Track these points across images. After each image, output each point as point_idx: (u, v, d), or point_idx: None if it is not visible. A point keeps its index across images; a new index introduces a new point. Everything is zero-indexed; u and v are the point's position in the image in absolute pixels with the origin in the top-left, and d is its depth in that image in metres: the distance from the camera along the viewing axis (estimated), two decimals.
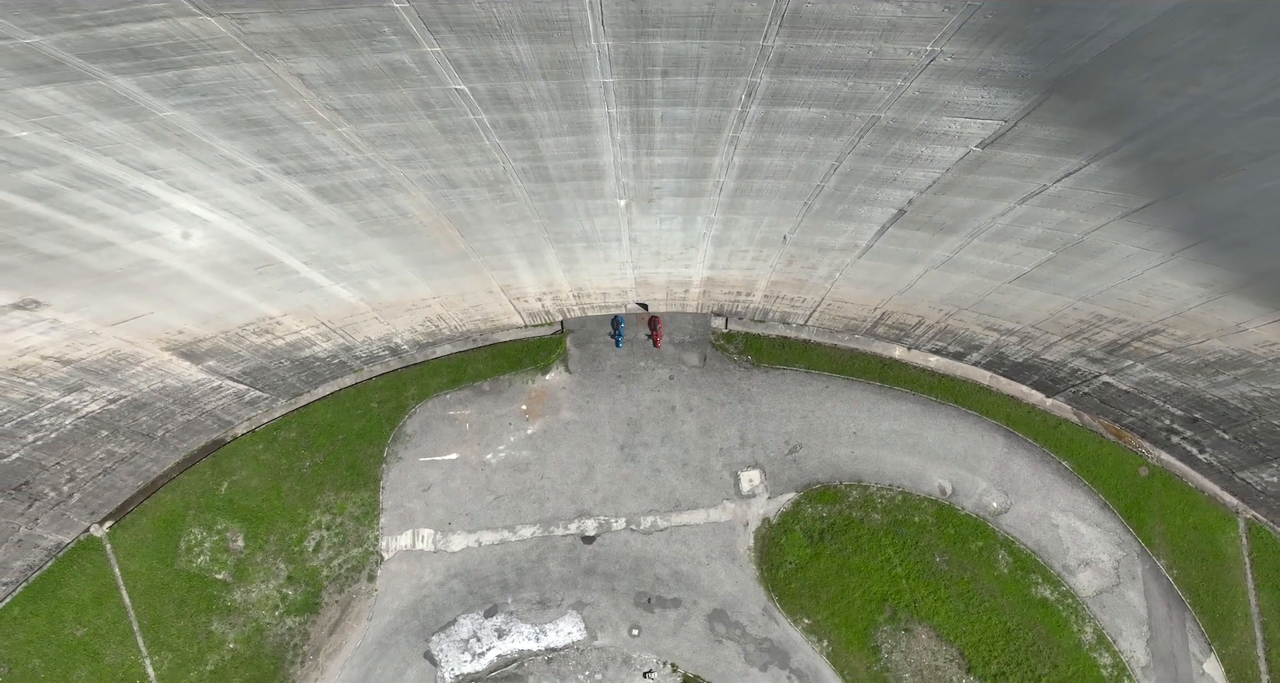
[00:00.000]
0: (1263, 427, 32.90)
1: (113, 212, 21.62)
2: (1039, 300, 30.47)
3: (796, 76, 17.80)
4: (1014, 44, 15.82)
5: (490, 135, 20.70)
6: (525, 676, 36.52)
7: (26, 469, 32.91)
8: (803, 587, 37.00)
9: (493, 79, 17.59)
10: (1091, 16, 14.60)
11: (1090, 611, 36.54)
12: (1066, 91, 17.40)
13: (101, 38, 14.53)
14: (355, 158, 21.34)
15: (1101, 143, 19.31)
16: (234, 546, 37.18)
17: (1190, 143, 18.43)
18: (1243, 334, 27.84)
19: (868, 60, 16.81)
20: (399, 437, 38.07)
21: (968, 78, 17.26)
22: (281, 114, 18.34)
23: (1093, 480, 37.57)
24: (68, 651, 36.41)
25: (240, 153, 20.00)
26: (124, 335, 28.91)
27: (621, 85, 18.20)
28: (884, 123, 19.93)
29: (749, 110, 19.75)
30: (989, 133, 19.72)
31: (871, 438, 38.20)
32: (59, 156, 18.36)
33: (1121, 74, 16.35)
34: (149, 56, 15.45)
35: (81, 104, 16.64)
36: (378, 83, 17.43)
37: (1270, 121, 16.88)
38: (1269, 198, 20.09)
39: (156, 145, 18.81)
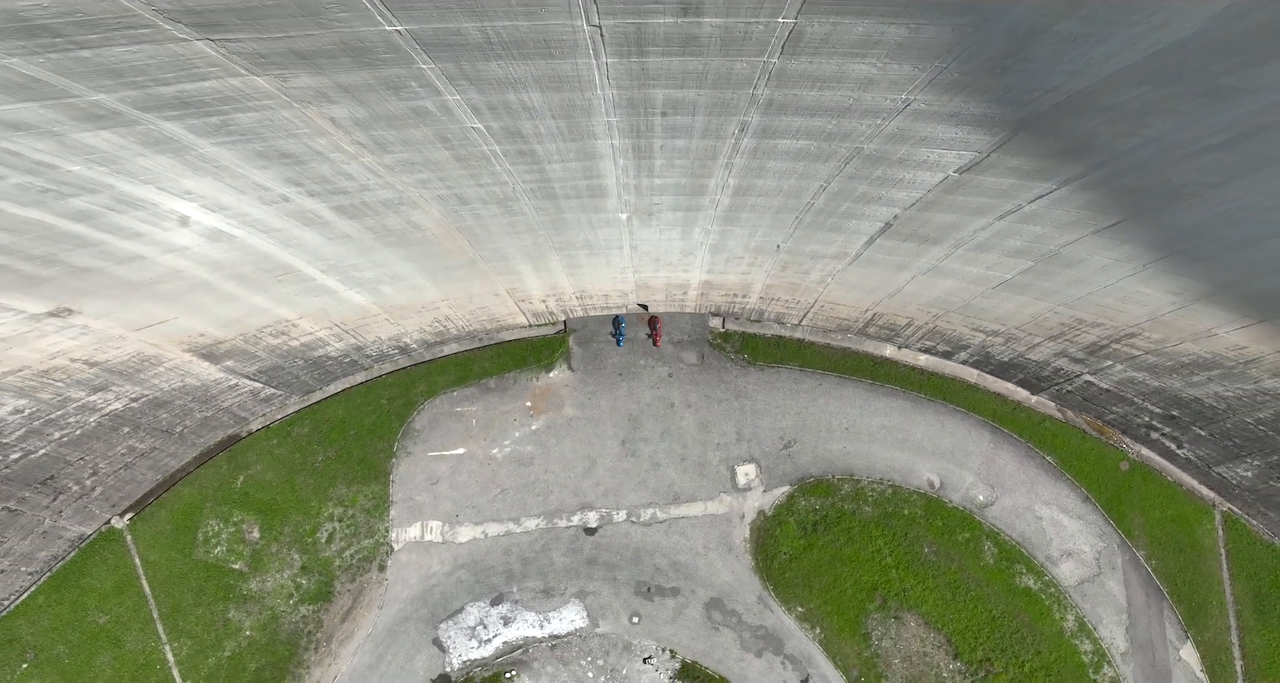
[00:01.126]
0: (1236, 424, 34.67)
1: (147, 230, 23.40)
2: (1021, 305, 32.18)
3: (784, 116, 19.57)
4: (979, 95, 17.61)
5: (501, 162, 22.48)
6: (530, 661, 38.28)
7: (52, 465, 34.57)
8: (796, 576, 38.68)
9: (506, 119, 19.37)
10: (1045, 76, 16.38)
11: (1072, 599, 38.25)
12: (1032, 131, 19.19)
13: (158, 94, 16.33)
14: (375, 182, 23.12)
15: (1069, 171, 21.10)
16: (250, 537, 38.99)
17: (1149, 173, 20.22)
18: (1214, 338, 29.54)
19: (849, 104, 18.60)
20: (408, 432, 39.76)
21: (941, 119, 19.05)
22: (311, 148, 20.14)
23: (1075, 475, 39.23)
24: (91, 637, 38.15)
25: (270, 179, 21.79)
26: (148, 339, 30.61)
27: (624, 123, 19.98)
28: (867, 152, 21.71)
29: (742, 142, 21.53)
30: (965, 161, 21.50)
31: (863, 434, 39.84)
32: (104, 185, 20.14)
33: (1079, 118, 18.14)
34: (198, 106, 17.23)
35: (131, 143, 18.44)
36: (401, 123, 19.21)
37: (1219, 157, 18.68)
38: (1226, 219, 21.90)
39: (194, 175, 20.60)
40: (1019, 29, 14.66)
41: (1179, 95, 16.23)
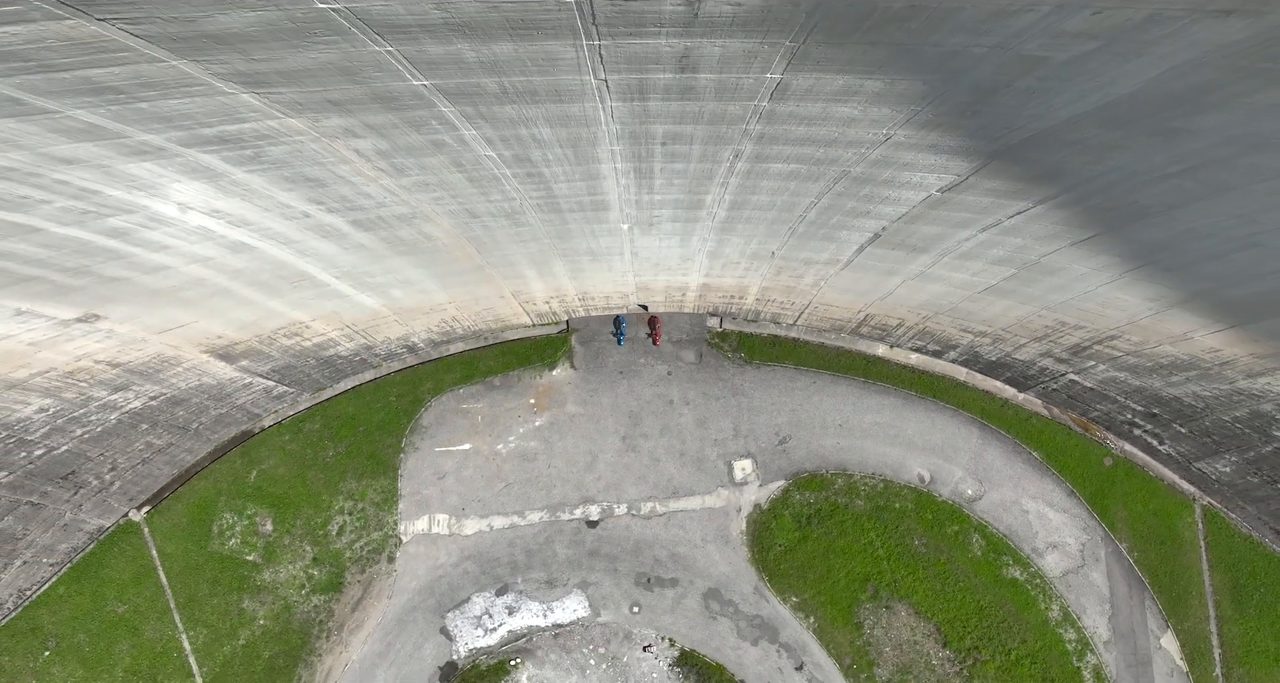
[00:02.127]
0: (1214, 422, 36.33)
1: (174, 243, 25.07)
2: (1007, 308, 33.82)
3: (775, 146, 21.24)
4: (953, 131, 19.29)
5: (511, 182, 24.16)
6: (534, 650, 39.87)
7: (73, 460, 36.09)
8: (791, 568, 40.30)
9: (516, 148, 21.06)
10: (1011, 118, 18.09)
11: (1057, 590, 39.91)
12: (1005, 159, 20.87)
13: (201, 133, 18.03)
14: (392, 200, 24.80)
15: (1042, 193, 22.80)
16: (263, 529, 40.67)
17: (1116, 196, 21.92)
18: (1190, 341, 31.14)
19: (835, 137, 20.28)
20: (416, 428, 41.38)
21: (921, 148, 20.74)
22: (334, 174, 21.83)
23: (1061, 470, 40.88)
24: (110, 626, 39.83)
25: (294, 199, 23.47)
26: (169, 341, 32.23)
27: (626, 151, 21.66)
28: (854, 175, 23.38)
29: (736, 166, 23.21)
30: (946, 183, 23.18)
31: (856, 430, 41.44)
32: (140, 207, 21.81)
33: (1046, 151, 19.82)
34: (235, 142, 18.91)
35: (170, 172, 20.12)
36: (419, 152, 20.89)
37: (1177, 183, 20.38)
38: (1192, 235, 23.62)
39: (224, 196, 22.28)
40: (982, 84, 16.37)
41: (1133, 135, 17.95)
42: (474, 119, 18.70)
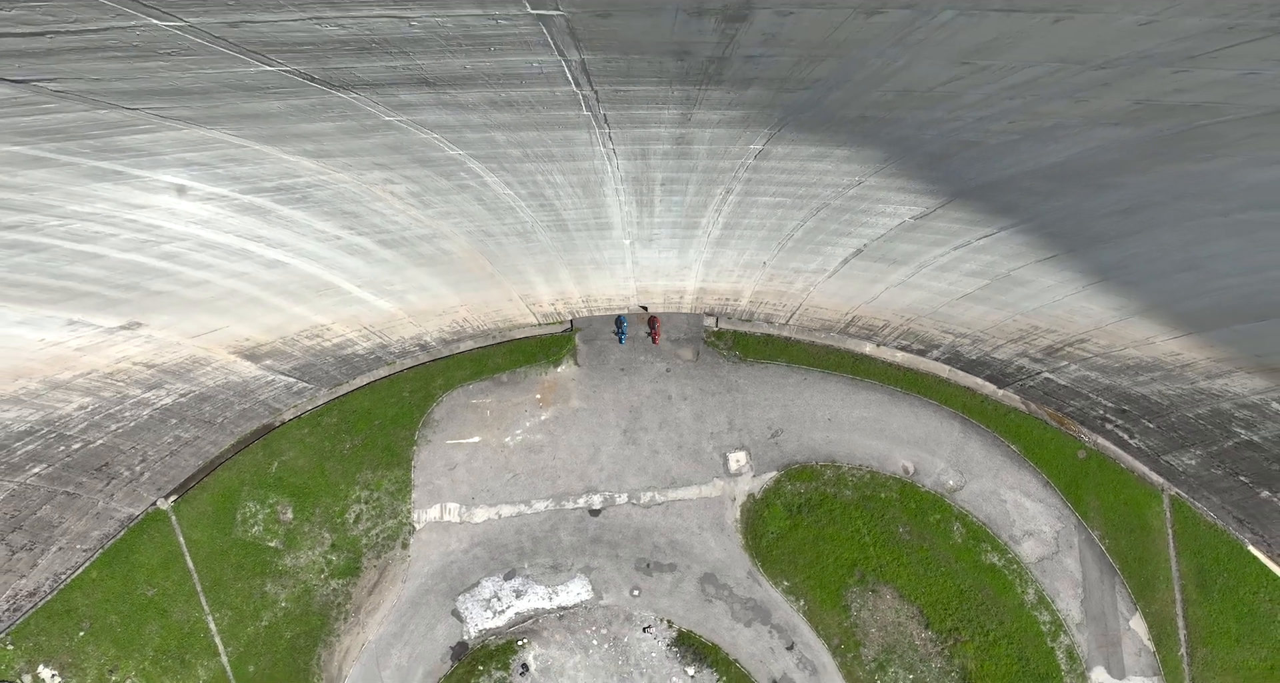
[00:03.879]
0: (1179, 418, 39.25)
1: (216, 262, 28.07)
2: (983, 313, 36.71)
3: (762, 186, 24.21)
4: (916, 179, 22.32)
5: (524, 210, 27.17)
6: (540, 631, 42.85)
7: (107, 453, 38.99)
8: (783, 554, 43.23)
9: (532, 188, 24.07)
10: (964, 173, 21.24)
11: (1032, 575, 42.85)
12: (966, 198, 23.90)
13: (261, 185, 21.20)
14: (416, 225, 27.80)
15: (1003, 222, 25.81)
16: (284, 517, 43.71)
17: (1068, 227, 25.11)
18: (1152, 346, 33.89)
19: (814, 181, 23.28)
20: (428, 422, 44.27)
21: (891, 189, 23.78)
22: (369, 208, 24.87)
23: (1037, 462, 43.79)
24: (140, 608, 42.91)
25: (329, 227, 26.47)
26: (201, 344, 35.10)
27: (630, 189, 24.68)
28: (834, 205, 26.43)
29: (728, 198, 26.20)
30: (916, 212, 26.17)
31: (844, 424, 44.32)
32: (190, 235, 24.95)
33: (1001, 193, 22.87)
34: (288, 189, 22.04)
35: (227, 212, 23.27)
36: (446, 192, 23.90)
37: (1119, 219, 23.52)
38: (1140, 258, 26.66)
39: (269, 227, 25.40)
40: (933, 153, 19.48)
41: (1070, 187, 21.08)
42: (498, 171, 21.80)
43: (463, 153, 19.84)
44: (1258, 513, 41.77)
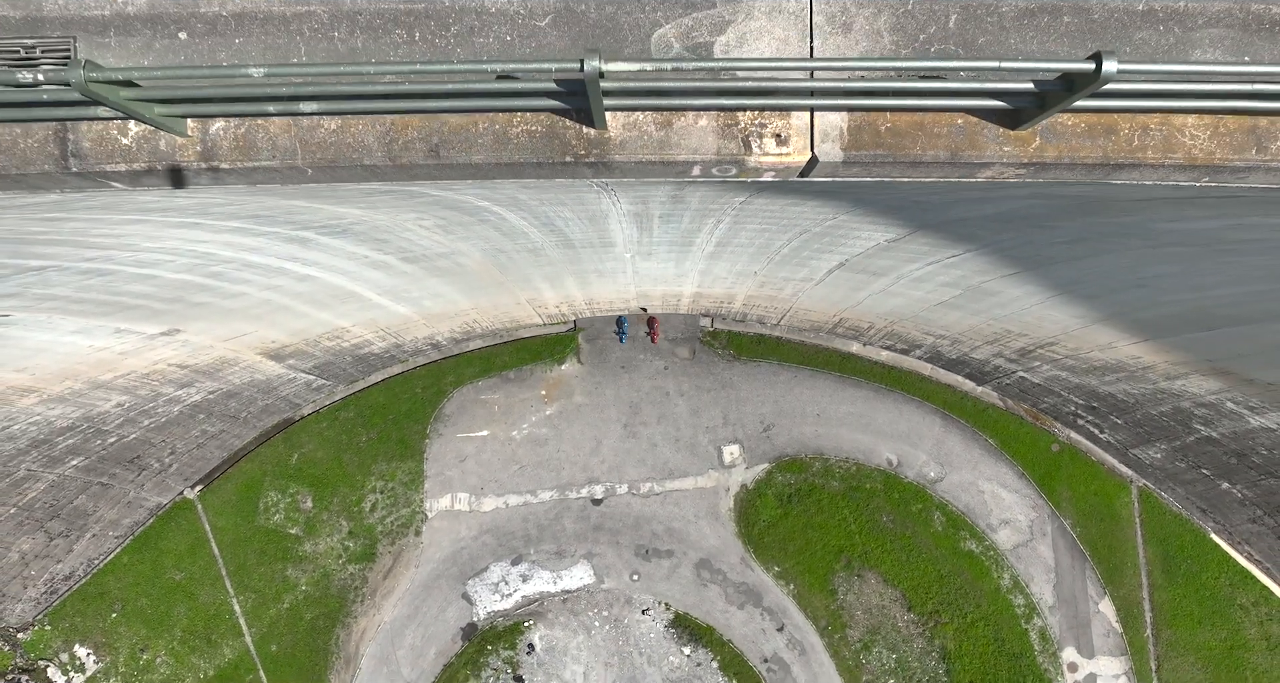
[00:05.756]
0: (1144, 415, 41.72)
1: (254, 278, 31.21)
2: (959, 318, 39.40)
3: (749, 220, 27.49)
4: (880, 219, 25.77)
5: (535, 234, 30.11)
6: (545, 613, 45.96)
7: (139, 446, 41.71)
8: (773, 541, 46.23)
9: (544, 219, 27.30)
10: (919, 217, 24.65)
11: (1008, 561, 45.93)
12: (928, 229, 27.21)
13: (310, 224, 24.54)
14: (437, 245, 31.14)
15: (966, 247, 29.02)
16: (304, 506, 46.79)
17: (1025, 251, 28.37)
18: (1115, 349, 36.38)
19: (795, 215, 26.71)
20: (439, 417, 47.29)
21: (862, 224, 27.10)
22: (398, 235, 28.15)
23: (1013, 455, 46.81)
24: (168, 592, 46.01)
25: (360, 249, 29.76)
26: (231, 346, 37.88)
27: (631, 220, 28.02)
28: (814, 232, 29.60)
29: (719, 226, 29.39)
30: (889, 237, 29.26)
31: (832, 419, 47.29)
32: (238, 259, 28.20)
33: (957, 227, 26.25)
34: (332, 227, 25.43)
35: (275, 243, 26.62)
36: (469, 224, 27.17)
37: (1068, 247, 26.81)
38: (1095, 276, 29.67)
39: (307, 251, 28.68)
40: (889, 205, 22.83)
41: (1018, 226, 24.42)
42: (516, 210, 25.13)
43: (489, 203, 23.20)
44: (1219, 503, 44.90)
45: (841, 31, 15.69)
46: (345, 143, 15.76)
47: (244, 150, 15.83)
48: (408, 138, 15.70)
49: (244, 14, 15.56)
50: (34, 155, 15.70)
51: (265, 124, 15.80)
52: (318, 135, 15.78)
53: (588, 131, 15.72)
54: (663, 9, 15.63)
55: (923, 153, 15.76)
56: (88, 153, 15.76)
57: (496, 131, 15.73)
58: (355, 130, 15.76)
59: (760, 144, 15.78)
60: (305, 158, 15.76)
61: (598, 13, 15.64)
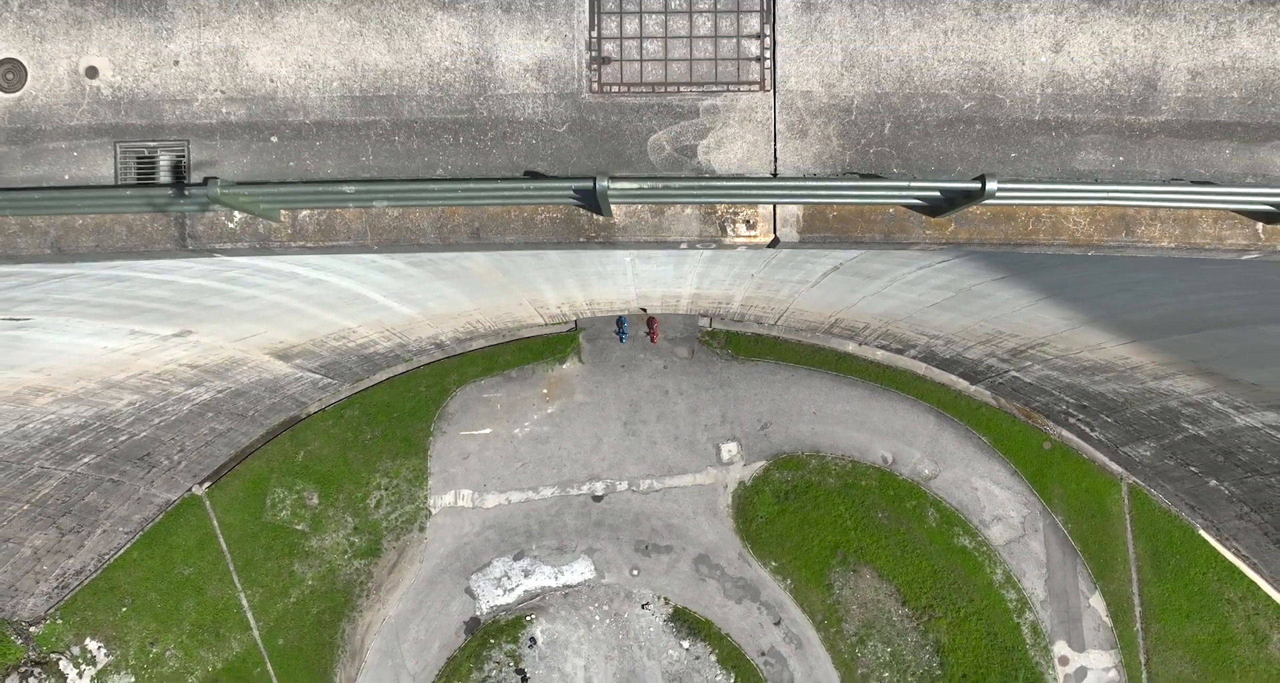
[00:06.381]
0: (1134, 414, 42.67)
1: (266, 283, 32.17)
2: (952, 319, 40.06)
3: None
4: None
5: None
6: (546, 607, 47.13)
7: (150, 444, 42.81)
8: (771, 537, 47.30)
9: None
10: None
11: (1001, 557, 46.94)
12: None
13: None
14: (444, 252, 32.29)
15: (955, 253, 30.19)
16: (310, 503, 47.87)
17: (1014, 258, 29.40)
18: (1103, 350, 37.46)
19: None
20: (443, 415, 48.33)
21: None
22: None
23: (1006, 452, 47.81)
24: (177, 586, 47.16)
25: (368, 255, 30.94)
26: (240, 347, 38.62)
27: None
28: None
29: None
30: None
31: (828, 417, 48.27)
32: (251, 265, 29.09)
33: None
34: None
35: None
36: None
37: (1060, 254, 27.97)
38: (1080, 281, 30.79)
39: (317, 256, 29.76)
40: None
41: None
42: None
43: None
44: (1207, 500, 46.01)
45: (799, 137, 19.43)
46: (405, 227, 19.76)
47: (325, 232, 19.92)
48: (455, 223, 19.60)
49: (322, 122, 19.45)
50: (158, 237, 19.84)
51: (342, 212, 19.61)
52: (383, 221, 19.69)
53: (598, 218, 19.33)
54: (656, 118, 19.31)
55: (862, 235, 19.95)
56: (201, 234, 19.77)
57: (525, 218, 19.55)
58: (413, 217, 19.62)
59: (734, 228, 19.88)
60: (373, 239, 19.83)
61: (605, 122, 19.36)
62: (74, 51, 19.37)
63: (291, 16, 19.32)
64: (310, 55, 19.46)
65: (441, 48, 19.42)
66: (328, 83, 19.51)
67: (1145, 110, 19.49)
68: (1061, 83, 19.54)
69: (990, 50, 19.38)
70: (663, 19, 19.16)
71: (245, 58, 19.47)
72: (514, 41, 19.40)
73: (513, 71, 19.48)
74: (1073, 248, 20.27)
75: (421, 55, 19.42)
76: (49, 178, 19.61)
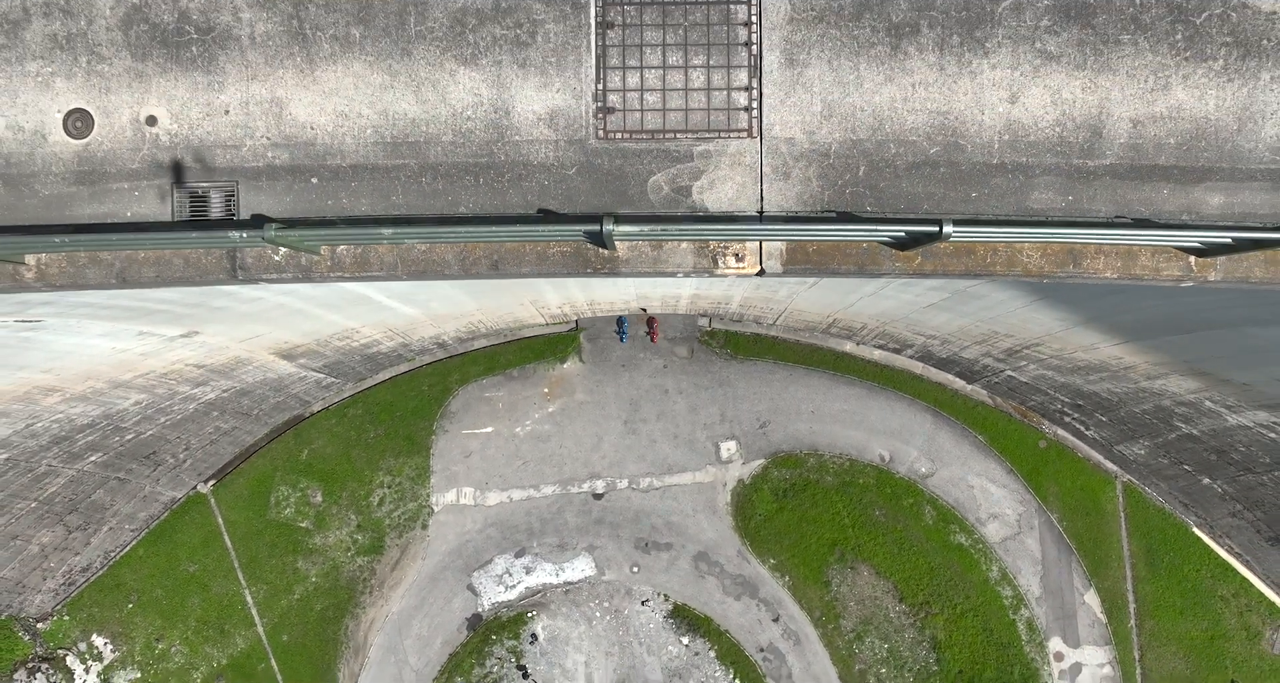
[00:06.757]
0: (1128, 413, 45.07)
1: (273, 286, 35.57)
2: (948, 320, 42.33)
3: None
4: None
5: None
6: (548, 603, 50.05)
7: (156, 442, 45.20)
8: (769, 534, 49.95)
9: None
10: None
11: (996, 554, 49.62)
12: None
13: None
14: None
15: None
16: (314, 500, 50.62)
17: None
18: (1097, 350, 39.76)
19: None
20: (445, 413, 50.89)
21: None
22: None
23: (1002, 451, 50.18)
24: (183, 583, 50.26)
25: None
26: (246, 347, 40.70)
27: None
28: None
29: None
30: None
31: (826, 416, 50.61)
32: None
33: None
34: None
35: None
36: None
37: None
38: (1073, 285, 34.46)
39: None
40: None
41: None
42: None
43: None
44: (1200, 498, 48.71)
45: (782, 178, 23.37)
46: (432, 260, 23.71)
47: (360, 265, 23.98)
48: (476, 256, 23.57)
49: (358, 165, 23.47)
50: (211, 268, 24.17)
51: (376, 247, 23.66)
52: (412, 254, 23.67)
53: (603, 252, 23.20)
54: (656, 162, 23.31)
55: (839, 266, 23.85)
56: (250, 266, 24.02)
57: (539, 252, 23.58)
58: (439, 251, 23.64)
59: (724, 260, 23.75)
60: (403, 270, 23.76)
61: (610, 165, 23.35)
62: (135, 102, 23.29)
63: (330, 71, 23.22)
64: (346, 105, 23.34)
65: (464, 99, 23.30)
66: (362, 130, 23.39)
67: (1092, 155, 23.34)
68: (1017, 130, 23.36)
69: (953, 101, 23.30)
70: (661, 73, 23.16)
71: (288, 108, 23.35)
72: (529, 93, 23.29)
73: (527, 120, 23.35)
74: (1026, 278, 24.08)
75: (446, 105, 23.29)
76: (112, 214, 23.49)
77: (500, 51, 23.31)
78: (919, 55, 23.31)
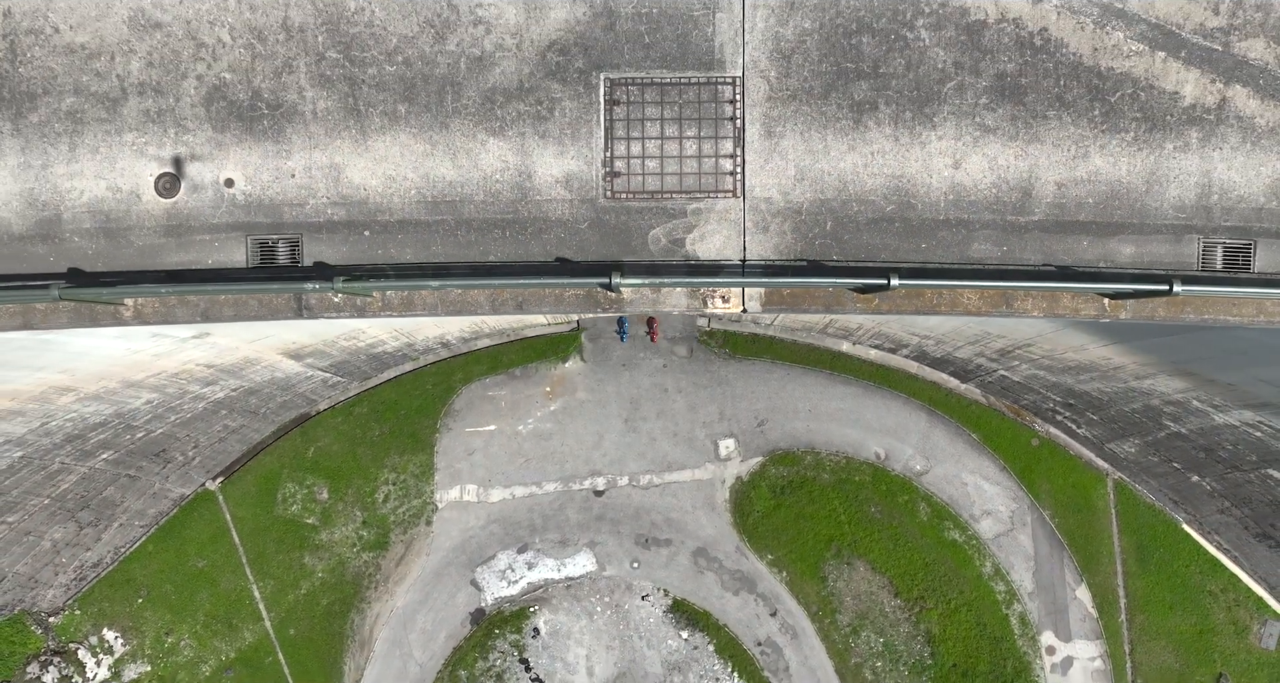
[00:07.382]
0: (1118, 412, 49.21)
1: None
2: (942, 320, 45.17)
3: None
4: None
5: None
6: (549, 598, 54.27)
7: (165, 441, 48.38)
8: (767, 530, 54.43)
9: None
10: None
11: (990, 550, 54.25)
12: None
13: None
14: None
15: None
16: (320, 497, 55.21)
17: None
18: (1086, 351, 43.33)
19: None
20: (449, 412, 55.59)
21: None
22: None
23: (995, 449, 54.94)
24: (191, 578, 54.64)
25: None
26: (255, 347, 44.25)
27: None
28: None
29: None
30: None
31: (823, 414, 55.30)
32: None
33: None
34: None
35: None
36: None
37: None
38: None
39: None
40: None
41: None
42: None
43: None
44: (1190, 495, 52.88)
45: (762, 232, 30.31)
46: (466, 301, 30.55)
47: (406, 305, 30.65)
48: (503, 298, 30.67)
49: (403, 221, 30.27)
50: (282, 308, 30.49)
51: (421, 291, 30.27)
52: (450, 297, 30.49)
53: (610, 295, 30.32)
54: (655, 218, 30.30)
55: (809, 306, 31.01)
56: (314, 306, 30.43)
57: (556, 295, 30.71)
58: (473, 294, 30.50)
59: (713, 302, 31.18)
60: (443, 309, 30.52)
61: (616, 221, 30.34)
62: (216, 167, 30.07)
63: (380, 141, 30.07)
64: (394, 170, 30.06)
65: (493, 164, 30.01)
66: (407, 191, 30.12)
67: (1023, 212, 30.02)
68: (960, 191, 30.00)
69: (906, 167, 29.99)
70: (659, 143, 30.14)
71: (345, 172, 30.08)
72: (548, 160, 30.11)
73: (546, 182, 30.10)
74: (967, 316, 31.22)
75: (478, 170, 30.02)
76: (196, 262, 30.36)
77: (524, 124, 29.98)
78: (877, 128, 30.01)
